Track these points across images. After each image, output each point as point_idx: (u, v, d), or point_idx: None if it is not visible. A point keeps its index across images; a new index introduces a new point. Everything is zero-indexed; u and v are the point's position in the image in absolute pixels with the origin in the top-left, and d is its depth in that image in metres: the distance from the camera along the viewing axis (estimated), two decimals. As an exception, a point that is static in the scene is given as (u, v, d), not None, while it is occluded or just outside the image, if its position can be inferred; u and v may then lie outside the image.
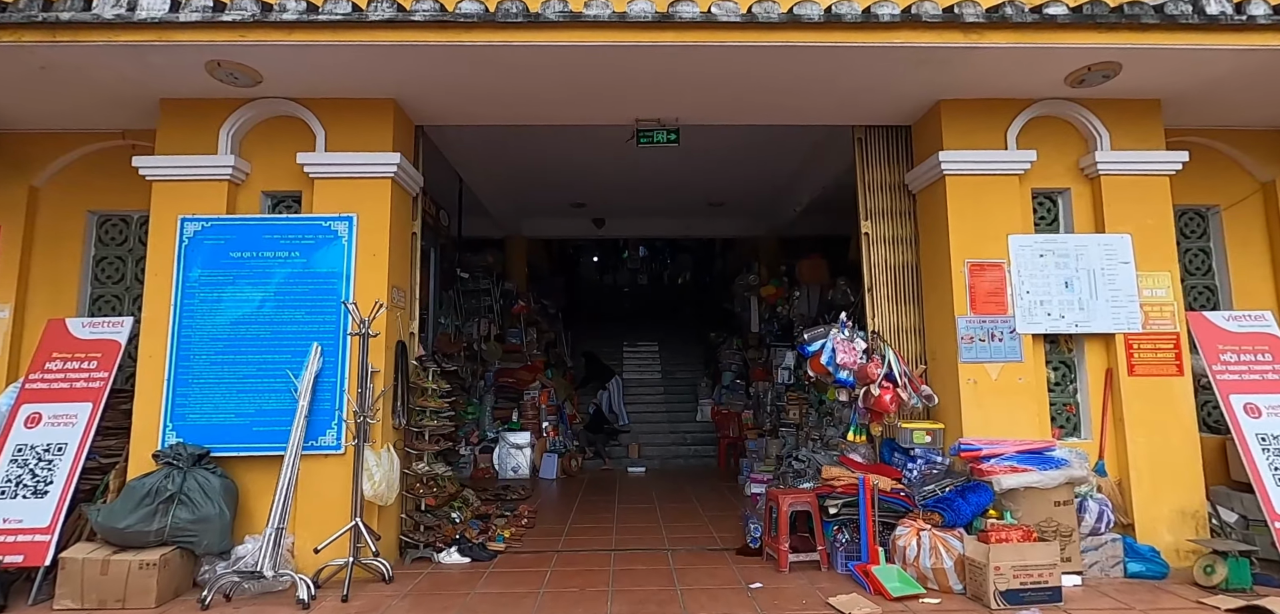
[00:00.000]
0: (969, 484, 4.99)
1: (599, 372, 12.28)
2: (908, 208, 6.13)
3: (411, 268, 5.95)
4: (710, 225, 12.10)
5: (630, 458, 10.68)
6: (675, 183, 9.76)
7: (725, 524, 6.50)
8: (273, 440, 5.06)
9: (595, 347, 14.49)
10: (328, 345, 5.21)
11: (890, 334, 5.97)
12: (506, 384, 10.45)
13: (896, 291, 6.06)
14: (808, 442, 8.20)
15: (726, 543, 5.89)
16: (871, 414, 5.71)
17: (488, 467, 9.80)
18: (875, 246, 6.12)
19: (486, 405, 10.36)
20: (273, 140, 5.49)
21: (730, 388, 11.46)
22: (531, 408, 10.23)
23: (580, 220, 11.93)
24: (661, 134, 5.90)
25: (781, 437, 8.70)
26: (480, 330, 10.62)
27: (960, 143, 5.53)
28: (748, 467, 8.99)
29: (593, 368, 12.56)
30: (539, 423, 10.19)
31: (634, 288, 20.27)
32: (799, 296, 10.74)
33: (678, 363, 13.90)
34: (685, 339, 14.98)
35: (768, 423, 10.40)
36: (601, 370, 12.29)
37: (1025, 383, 5.37)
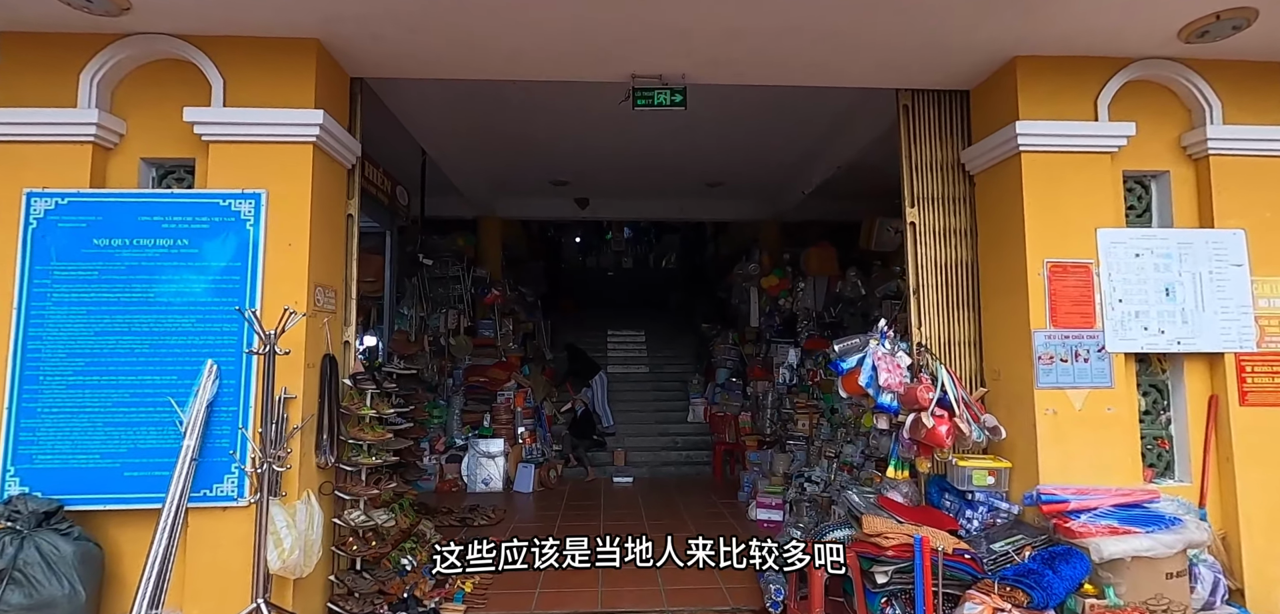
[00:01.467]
0: (1055, 549, 3.86)
1: (583, 367, 11.03)
2: (963, 193, 4.94)
3: (345, 260, 4.64)
4: (706, 208, 10.85)
5: (616, 466, 9.51)
6: (670, 159, 8.48)
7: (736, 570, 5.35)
8: (152, 489, 3.78)
9: (577, 336, 13.24)
10: (227, 364, 3.91)
11: (940, 348, 4.80)
12: (478, 384, 9.17)
13: (947, 296, 4.89)
14: (821, 459, 7.06)
15: (740, 601, 4.74)
16: (919, 447, 4.56)
17: (455, 478, 8.55)
18: (922, 240, 4.93)
19: (454, 408, 9.08)
20: (156, 91, 4.13)
21: (726, 387, 10.30)
22: (505, 411, 8.98)
23: (562, 200, 10.60)
24: (664, 94, 4.63)
25: (789, 450, 7.56)
26: (448, 323, 9.30)
27: (1040, 111, 4.34)
28: (749, 482, 7.85)
29: (576, 362, 11.32)
30: (514, 428, 8.94)
31: (618, 272, 18.99)
32: (804, 289, 9.57)
33: (667, 355, 12.71)
34: (674, 328, 13.78)
35: (769, 428, 9.26)
36: (585, 365, 11.04)
37: (1115, 414, 4.24)
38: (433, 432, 8.86)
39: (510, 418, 8.96)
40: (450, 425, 8.98)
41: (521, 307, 11.57)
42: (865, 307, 9.59)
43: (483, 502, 7.86)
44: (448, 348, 9.41)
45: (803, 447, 7.52)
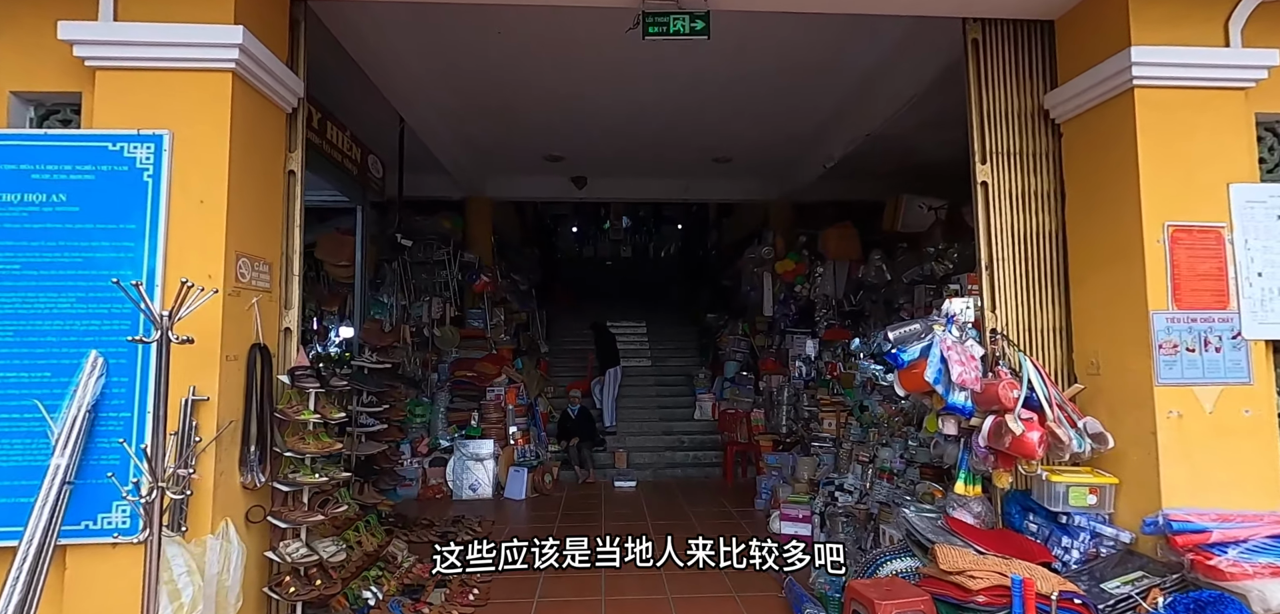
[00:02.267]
0: (1201, 596, 2.93)
1: (607, 352, 9.99)
2: (1047, 147, 4.00)
3: (286, 228, 3.67)
4: (712, 187, 9.90)
5: (617, 468, 8.57)
6: (674, 131, 7.54)
7: (757, 586, 4.44)
8: (15, 520, 2.82)
9: (574, 327, 12.30)
10: (119, 357, 2.95)
11: (1019, 336, 3.88)
12: (465, 379, 8.21)
13: (1027, 273, 3.96)
14: (852, 464, 6.14)
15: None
16: (998, 458, 3.64)
17: (440, 484, 7.60)
18: (996, 204, 3.99)
19: (439, 406, 8.12)
20: (30, 4, 3.15)
21: (735, 381, 9.37)
22: (495, 409, 8.03)
23: (557, 179, 9.64)
24: (682, 20, 3.67)
25: (815, 454, 6.64)
26: (431, 312, 8.34)
27: (1156, 34, 3.40)
28: (767, 488, 6.92)
29: (602, 343, 10.19)
30: (505, 428, 7.99)
31: (617, 261, 18.03)
32: (822, 274, 8.64)
33: (670, 347, 11.78)
34: (677, 319, 12.85)
35: (785, 426, 8.34)
36: (610, 352, 10.01)
37: (1254, 416, 3.32)
38: (415, 432, 7.91)
39: (501, 417, 8.02)
40: (434, 425, 8.03)
41: (514, 295, 10.64)
42: (889, 294, 8.67)
43: (469, 511, 6.92)
44: (431, 339, 8.45)
45: (830, 449, 6.60)
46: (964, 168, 4.13)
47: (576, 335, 12.05)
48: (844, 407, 6.85)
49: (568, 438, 8.59)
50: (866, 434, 6.42)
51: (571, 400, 9.01)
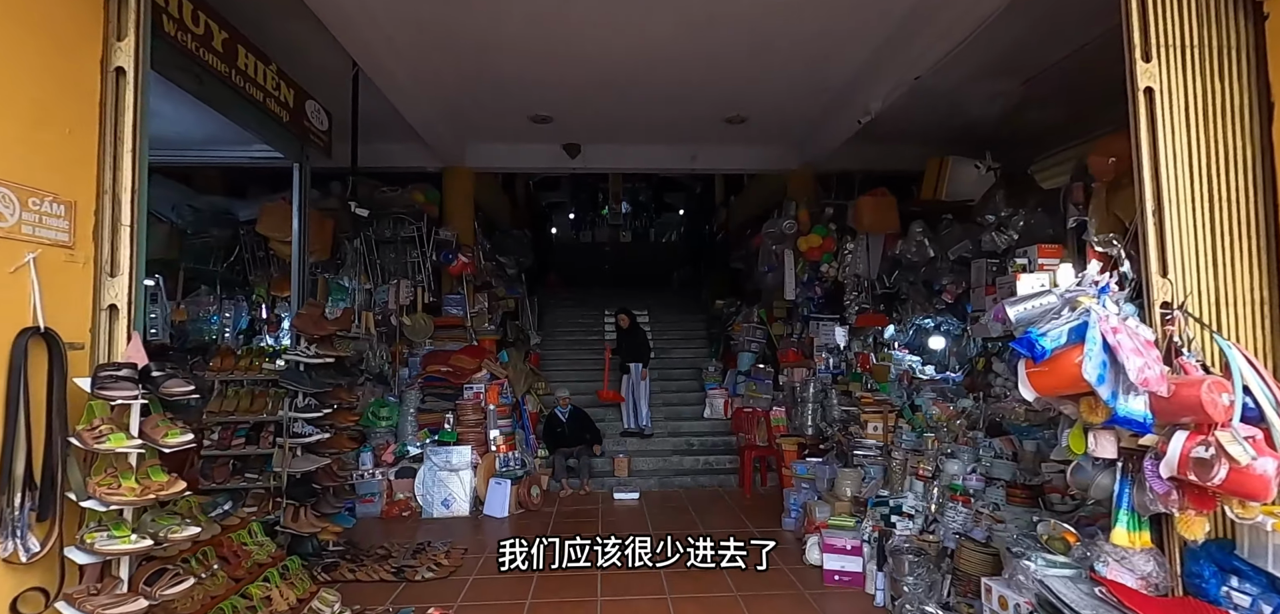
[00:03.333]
0: None
1: (635, 344, 8.45)
2: (1244, 38, 2.69)
3: (104, 155, 2.38)
4: (723, 155, 8.59)
5: (617, 477, 7.30)
6: (684, 82, 6.25)
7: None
8: None
9: (569, 315, 11.01)
10: None
11: (1204, 310, 2.59)
12: (439, 375, 6.93)
13: (1212, 218, 2.66)
14: (907, 479, 4.87)
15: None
16: (1189, 495, 2.36)
17: (408, 500, 6.33)
18: (1167, 119, 2.68)
19: (409, 406, 6.84)
20: None
21: (752, 375, 8.09)
22: (474, 409, 6.74)
23: (546, 147, 8.33)
24: None
25: (858, 465, 5.35)
26: (398, 297, 7.05)
27: None
28: (797, 505, 5.64)
29: (629, 338, 8.54)
30: (485, 432, 6.71)
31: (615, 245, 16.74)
32: (853, 251, 7.34)
33: (674, 337, 10.49)
34: (682, 306, 11.56)
35: (812, 427, 7.07)
36: (638, 344, 8.49)
37: None
38: (379, 438, 6.63)
39: (480, 419, 6.73)
40: (402, 429, 6.75)
41: (500, 280, 9.34)
42: (931, 273, 7.37)
43: (441, 533, 5.66)
44: (400, 329, 7.16)
45: (876, 459, 5.32)
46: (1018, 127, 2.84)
47: (572, 324, 10.77)
48: (892, 407, 5.56)
49: (556, 448, 7.29)
50: (922, 440, 5.15)
51: (561, 403, 7.69)
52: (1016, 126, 7.19)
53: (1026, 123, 7.10)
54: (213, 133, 5.17)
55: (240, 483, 4.80)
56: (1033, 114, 6.96)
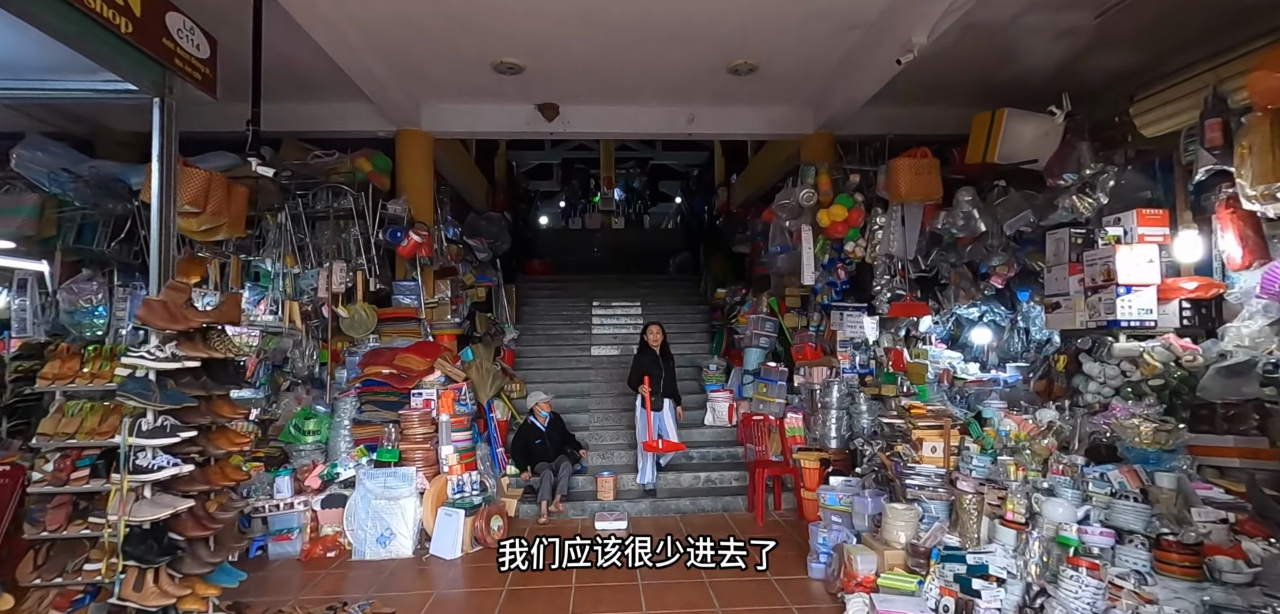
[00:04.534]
0: None
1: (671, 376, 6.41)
2: None
3: None
4: (725, 117, 7.20)
5: (601, 501, 5.94)
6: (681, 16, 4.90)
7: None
8: None
9: (551, 306, 9.64)
10: None
11: None
12: (381, 379, 5.55)
13: None
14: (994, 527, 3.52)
15: None
16: None
17: (337, 536, 4.97)
18: None
19: (342, 417, 5.46)
20: None
21: (762, 375, 6.73)
22: (423, 421, 5.35)
23: (518, 107, 6.95)
24: None
25: (913, 497, 3.98)
26: (331, 282, 5.66)
27: None
28: (826, 546, 4.28)
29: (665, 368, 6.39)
30: (435, 449, 5.34)
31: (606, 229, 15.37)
32: (884, 225, 5.97)
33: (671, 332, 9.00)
34: (679, 296, 10.20)
35: (836, 438, 5.72)
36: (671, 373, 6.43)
37: None
38: (304, 457, 5.26)
39: (430, 432, 5.36)
40: (335, 446, 5.38)
41: (471, 266, 7.98)
42: (976, 252, 6.04)
43: (370, 583, 4.31)
44: (334, 321, 5.78)
45: (936, 490, 3.96)
46: (1082, 76, 1.77)
47: (555, 316, 9.40)
48: (954, 422, 4.19)
49: (532, 463, 5.95)
50: (998, 466, 3.80)
51: (539, 409, 6.30)
52: (1080, 76, 5.83)
53: (1092, 72, 5.75)
54: (61, 59, 3.80)
55: (82, 529, 3.46)
56: (1103, 60, 5.63)
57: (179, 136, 3.96)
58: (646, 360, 6.32)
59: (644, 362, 6.32)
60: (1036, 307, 6.30)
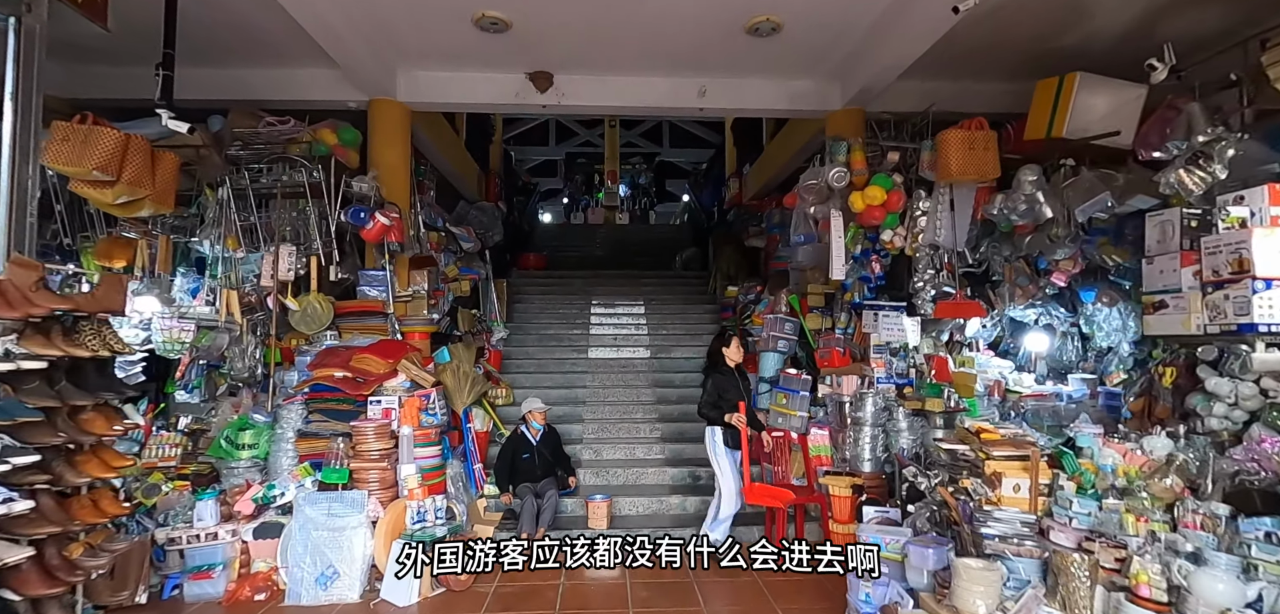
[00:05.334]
0: None
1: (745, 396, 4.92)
2: None
3: None
4: (740, 90, 6.27)
5: (594, 528, 4.98)
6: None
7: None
8: None
9: (547, 303, 8.72)
10: None
11: None
12: (332, 384, 4.61)
13: None
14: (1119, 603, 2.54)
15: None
16: None
17: (270, 573, 4.03)
18: None
19: (286, 428, 4.54)
20: None
21: (780, 384, 5.76)
22: (380, 436, 4.41)
23: (506, 76, 6.05)
24: None
25: (996, 553, 3.00)
26: (276, 269, 4.74)
27: None
28: (871, 605, 3.32)
29: (743, 389, 4.94)
30: (394, 470, 4.39)
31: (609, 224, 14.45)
32: (928, 211, 4.99)
33: (677, 332, 8.18)
34: (686, 295, 9.25)
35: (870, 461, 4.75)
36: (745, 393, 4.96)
37: None
38: (237, 476, 4.34)
39: (389, 448, 4.42)
40: (277, 462, 4.45)
41: (456, 256, 7.07)
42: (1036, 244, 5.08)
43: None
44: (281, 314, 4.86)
45: (1022, 543, 2.97)
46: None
47: (550, 315, 8.48)
48: (1028, 445, 3.21)
49: (516, 483, 5.01)
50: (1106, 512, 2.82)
51: (531, 420, 5.33)
52: (1151, 43, 4.83)
53: (1169, 34, 4.74)
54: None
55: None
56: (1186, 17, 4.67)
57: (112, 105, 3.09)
58: (729, 381, 4.76)
59: (728, 382, 4.75)
60: (1103, 308, 5.31)
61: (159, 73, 3.64)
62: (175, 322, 4.57)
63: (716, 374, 4.81)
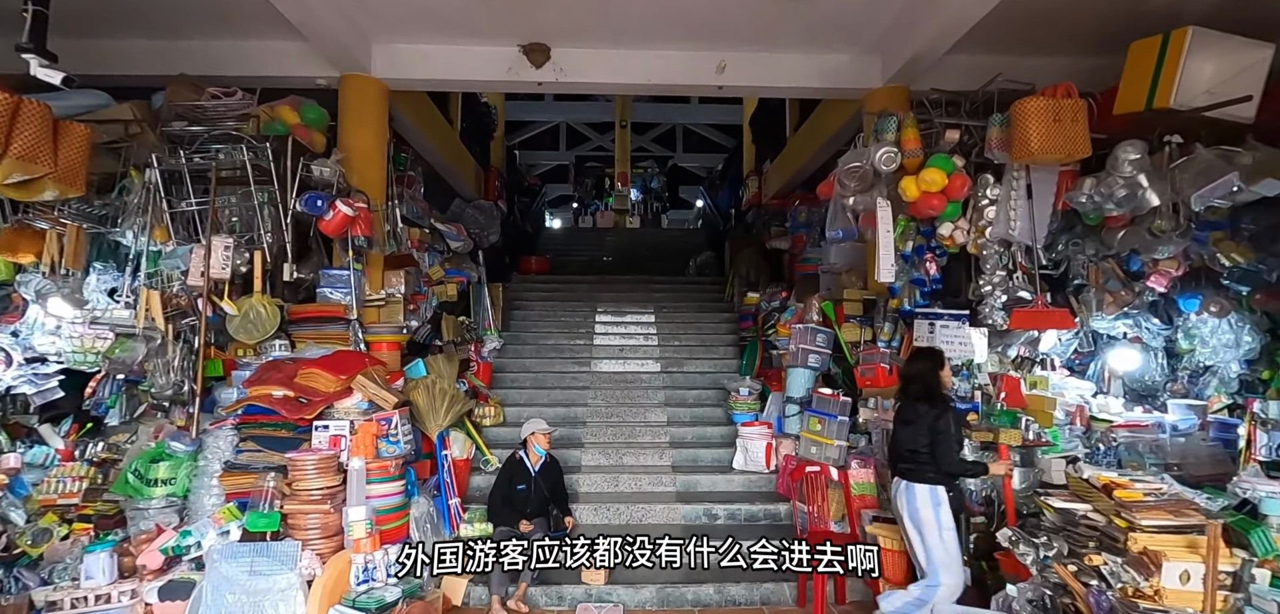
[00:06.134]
0: None
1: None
2: None
3: None
4: (768, 65, 5.35)
5: (589, 587, 4.00)
6: None
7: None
8: None
9: (548, 311, 7.81)
10: None
11: None
12: (266, 404, 3.71)
13: None
14: None
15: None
16: None
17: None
18: None
19: (213, 460, 3.64)
20: None
21: (813, 406, 4.78)
22: (323, 470, 3.50)
23: (497, 48, 5.18)
24: None
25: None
26: (209, 265, 3.86)
27: None
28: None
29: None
30: (339, 518, 3.47)
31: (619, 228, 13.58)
32: (999, 200, 4.01)
33: (690, 343, 7.23)
34: (701, 302, 8.30)
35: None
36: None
37: None
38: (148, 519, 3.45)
39: (334, 486, 3.50)
40: (198, 502, 3.56)
41: (442, 255, 6.21)
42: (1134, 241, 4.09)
43: None
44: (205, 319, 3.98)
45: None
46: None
47: (550, 325, 7.58)
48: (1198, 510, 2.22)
49: (507, 520, 4.05)
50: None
51: (533, 445, 4.36)
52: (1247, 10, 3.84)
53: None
54: None
55: None
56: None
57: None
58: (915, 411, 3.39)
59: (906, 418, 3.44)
60: (1210, 319, 4.30)
61: (27, 7, 2.80)
62: (88, 327, 3.71)
63: (949, 410, 3.33)
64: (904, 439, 3.37)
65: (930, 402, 3.31)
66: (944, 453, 3.21)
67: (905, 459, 3.34)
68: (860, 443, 4.55)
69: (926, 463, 3.25)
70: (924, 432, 3.25)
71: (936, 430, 3.22)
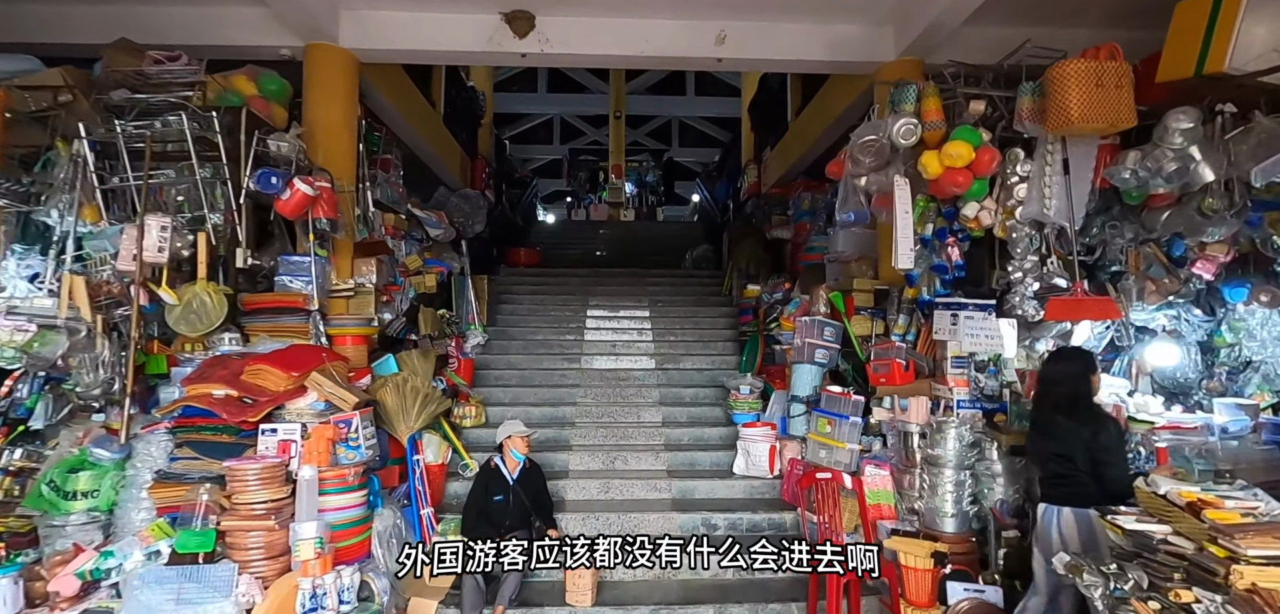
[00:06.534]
0: None
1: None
2: None
3: None
4: (771, 36, 4.90)
5: (575, 603, 3.55)
6: None
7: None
8: None
9: (537, 305, 7.34)
10: None
11: None
12: (209, 404, 3.23)
13: None
14: None
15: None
16: None
17: (92, 683, 2.65)
18: None
19: (143, 469, 3.16)
20: None
21: (821, 406, 4.34)
22: (267, 479, 3.02)
23: (477, 15, 4.72)
24: None
25: None
26: (142, 247, 3.37)
27: None
28: None
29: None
30: (288, 532, 3.00)
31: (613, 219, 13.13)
32: (1031, 176, 3.56)
33: (687, 338, 6.78)
34: (698, 296, 7.84)
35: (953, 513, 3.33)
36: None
37: None
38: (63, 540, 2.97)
39: (279, 501, 3.03)
40: (125, 518, 3.09)
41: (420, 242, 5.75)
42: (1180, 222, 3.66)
43: None
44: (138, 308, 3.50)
45: None
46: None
47: (538, 319, 7.11)
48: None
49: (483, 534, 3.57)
50: None
51: (510, 450, 3.90)
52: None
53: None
54: None
55: None
56: None
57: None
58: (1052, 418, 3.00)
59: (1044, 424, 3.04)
60: (1260, 309, 3.88)
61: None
62: (5, 318, 3.23)
63: (1112, 422, 2.92)
64: (1048, 457, 2.87)
65: (1072, 413, 2.82)
66: (1119, 474, 2.69)
67: (1059, 481, 2.82)
68: (874, 446, 4.11)
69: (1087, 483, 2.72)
70: (1078, 447, 2.74)
71: (1098, 443, 2.73)
